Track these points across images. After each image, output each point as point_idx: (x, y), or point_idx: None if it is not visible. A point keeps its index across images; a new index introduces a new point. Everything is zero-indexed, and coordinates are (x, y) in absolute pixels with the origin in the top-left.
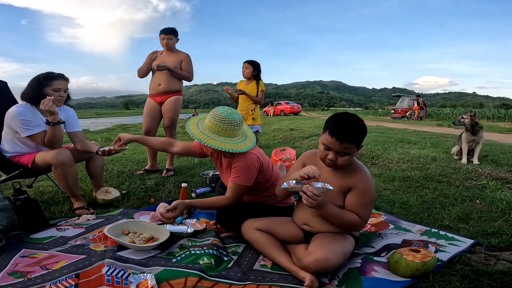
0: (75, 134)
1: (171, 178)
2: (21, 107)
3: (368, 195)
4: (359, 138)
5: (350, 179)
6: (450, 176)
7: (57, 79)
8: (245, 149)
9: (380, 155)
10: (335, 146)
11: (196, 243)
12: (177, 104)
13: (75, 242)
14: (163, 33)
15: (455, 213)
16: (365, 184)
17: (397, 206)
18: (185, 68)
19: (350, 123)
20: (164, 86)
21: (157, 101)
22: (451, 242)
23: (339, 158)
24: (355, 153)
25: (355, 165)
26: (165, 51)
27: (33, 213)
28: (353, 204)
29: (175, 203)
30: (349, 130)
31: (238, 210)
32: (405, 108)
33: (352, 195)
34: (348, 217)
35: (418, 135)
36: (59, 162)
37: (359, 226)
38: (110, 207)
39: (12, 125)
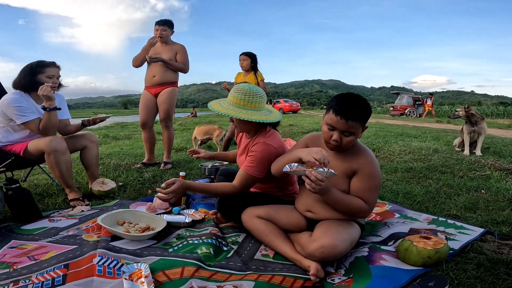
0: (63, 121)
1: (169, 170)
2: (15, 94)
3: (374, 179)
4: (364, 117)
5: (355, 162)
6: (453, 167)
7: (50, 67)
8: (274, 119)
9: (381, 147)
10: (340, 125)
11: (194, 233)
12: (172, 95)
13: (67, 233)
14: (157, 24)
15: (462, 203)
16: (371, 167)
17: (401, 196)
18: (180, 59)
19: (355, 102)
20: (159, 77)
21: (152, 93)
22: (461, 231)
23: (344, 138)
24: (360, 134)
25: (359, 147)
26: (159, 43)
27: (25, 204)
28: (359, 189)
29: (173, 179)
30: (354, 108)
31: (242, 199)
32: (404, 105)
33: (357, 179)
34: (355, 203)
35: (418, 130)
36: (52, 149)
37: (366, 213)
38: (106, 199)
39: (6, 112)
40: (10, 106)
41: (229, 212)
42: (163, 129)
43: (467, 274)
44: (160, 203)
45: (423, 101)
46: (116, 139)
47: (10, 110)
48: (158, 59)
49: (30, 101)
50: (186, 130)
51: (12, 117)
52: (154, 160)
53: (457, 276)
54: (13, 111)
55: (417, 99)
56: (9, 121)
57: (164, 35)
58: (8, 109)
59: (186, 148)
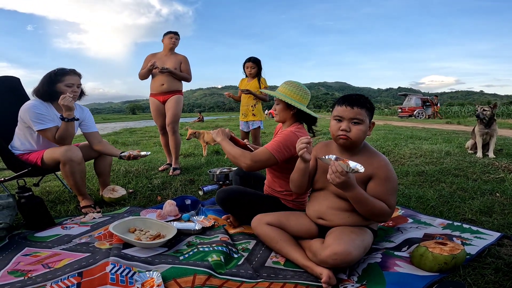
0: (93, 134)
1: (178, 176)
2: (35, 101)
3: (391, 182)
4: (369, 105)
5: (369, 167)
6: (466, 170)
7: (69, 75)
8: (313, 114)
9: (391, 151)
10: (347, 113)
11: (204, 240)
12: (179, 102)
13: (79, 240)
14: (172, 33)
15: (477, 207)
16: (387, 170)
17: (414, 200)
18: (184, 69)
19: (357, 95)
20: (167, 86)
21: (160, 100)
22: (477, 236)
23: (353, 127)
24: (367, 128)
25: (372, 152)
26: (164, 52)
27: (38, 211)
28: (378, 192)
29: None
30: (358, 97)
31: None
32: (413, 106)
33: (374, 183)
34: (378, 205)
35: (428, 132)
36: (68, 159)
37: (388, 215)
38: (117, 206)
39: (24, 119)
40: (29, 112)
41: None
42: (170, 135)
43: (485, 279)
44: (170, 210)
45: (431, 102)
46: (125, 145)
47: (28, 116)
48: (167, 70)
49: (50, 110)
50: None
51: (29, 123)
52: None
53: (475, 282)
54: (31, 118)
55: (426, 100)
56: (27, 128)
57: (176, 44)
58: (27, 115)
59: (194, 154)
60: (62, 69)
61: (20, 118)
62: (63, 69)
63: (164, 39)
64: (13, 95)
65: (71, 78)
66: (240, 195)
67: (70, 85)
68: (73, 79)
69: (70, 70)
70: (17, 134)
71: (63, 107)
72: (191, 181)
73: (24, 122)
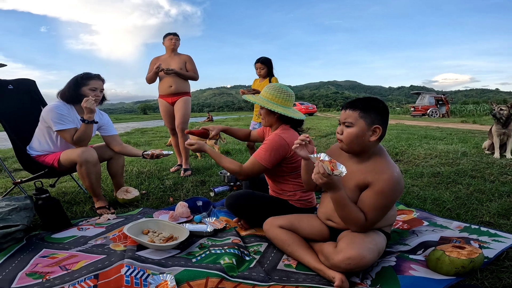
0: (113, 137)
1: (189, 177)
2: (59, 102)
3: (384, 198)
4: (365, 106)
5: (370, 175)
6: (483, 171)
7: (94, 79)
8: (296, 116)
9: (405, 151)
10: (341, 116)
11: (216, 242)
12: (187, 103)
13: (95, 242)
14: (171, 35)
15: (495, 209)
16: (384, 185)
17: (429, 202)
18: (190, 68)
19: (362, 98)
20: (175, 87)
21: (169, 101)
22: (495, 239)
23: (345, 130)
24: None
25: (383, 162)
26: (168, 54)
27: (55, 213)
28: (365, 203)
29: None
30: (355, 100)
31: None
32: (426, 105)
33: (367, 193)
34: (354, 214)
35: (443, 132)
36: (84, 160)
37: (361, 228)
38: (130, 207)
39: (46, 119)
40: (52, 112)
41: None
42: (180, 136)
43: (503, 283)
44: (182, 212)
45: (445, 100)
46: (137, 145)
47: (50, 116)
48: (173, 71)
49: (72, 112)
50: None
51: (49, 123)
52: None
53: (492, 285)
54: (52, 118)
55: (440, 98)
56: (47, 128)
57: (177, 44)
58: (49, 115)
59: (203, 154)
60: (88, 73)
61: (42, 118)
62: (89, 73)
63: (164, 42)
64: (30, 97)
65: (95, 82)
66: (249, 200)
67: (93, 89)
68: (97, 84)
69: (95, 74)
70: (37, 134)
71: (85, 109)
72: (202, 182)
73: (45, 121)
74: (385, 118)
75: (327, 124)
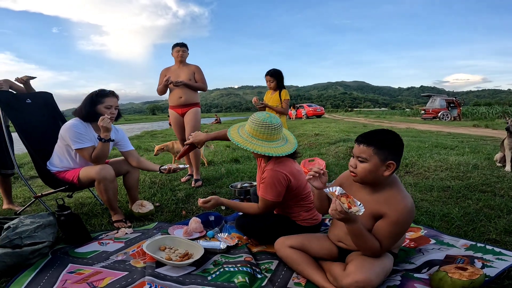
0: (130, 153)
1: (200, 189)
2: (76, 121)
3: (398, 227)
4: (379, 143)
5: (385, 206)
6: (494, 185)
7: (109, 96)
8: (282, 153)
9: (415, 163)
10: (355, 150)
11: (229, 259)
12: (197, 115)
13: (116, 258)
14: (178, 46)
15: (502, 226)
16: (399, 216)
17: (438, 218)
18: (198, 79)
19: (378, 130)
20: (185, 98)
21: (179, 113)
22: (499, 257)
23: (358, 165)
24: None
25: (397, 193)
26: (177, 65)
27: (76, 228)
28: (380, 232)
29: (211, 197)
30: (370, 134)
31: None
32: (437, 108)
33: (382, 223)
34: (371, 243)
35: (454, 139)
36: (102, 177)
37: (376, 254)
38: (145, 220)
39: (64, 137)
40: (70, 131)
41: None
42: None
43: None
44: (195, 227)
45: (457, 103)
46: (147, 151)
47: (68, 135)
48: (182, 83)
49: (89, 130)
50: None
51: (68, 141)
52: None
53: None
54: (71, 137)
55: (451, 101)
56: (66, 146)
57: (185, 56)
58: (67, 134)
59: (213, 162)
60: (102, 90)
61: (61, 136)
62: (103, 91)
63: (172, 53)
64: (47, 110)
65: (110, 100)
66: (258, 221)
67: (108, 106)
68: (112, 101)
69: (109, 91)
70: (56, 151)
71: (102, 128)
72: (213, 194)
73: (64, 140)
74: (399, 152)
75: (336, 129)
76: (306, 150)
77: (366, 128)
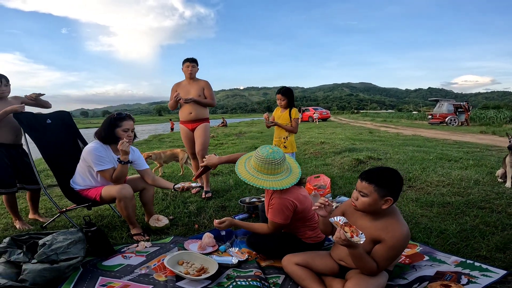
0: (145, 171)
1: (210, 202)
2: (97, 144)
3: (394, 251)
4: (379, 181)
5: (383, 233)
6: (492, 201)
7: (126, 120)
8: (286, 186)
9: (418, 177)
10: (358, 185)
11: (241, 273)
12: (206, 130)
13: (140, 271)
14: (188, 61)
15: (494, 243)
16: (396, 242)
17: (434, 235)
18: (207, 95)
19: (380, 169)
20: (195, 114)
21: (189, 128)
22: (484, 273)
23: (359, 198)
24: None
25: (395, 221)
26: (187, 81)
27: (102, 243)
28: (378, 254)
29: (225, 218)
30: (372, 172)
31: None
32: (444, 113)
33: (380, 246)
34: (369, 265)
35: (460, 149)
36: (123, 196)
37: (372, 273)
38: (162, 234)
39: (87, 159)
40: (91, 154)
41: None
42: (200, 161)
43: None
44: (208, 242)
45: (465, 108)
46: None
47: (90, 158)
48: (191, 100)
49: (108, 152)
50: (220, 146)
51: (90, 164)
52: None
53: None
54: (93, 159)
55: (459, 106)
56: (88, 167)
57: (194, 71)
58: (89, 156)
59: (222, 172)
60: (119, 114)
61: (83, 158)
62: (120, 114)
63: (183, 68)
64: (66, 128)
65: (127, 123)
66: (268, 240)
67: (126, 130)
68: (128, 124)
69: (126, 115)
70: (79, 171)
71: (121, 151)
72: (223, 208)
73: (86, 161)
74: (398, 189)
75: (342, 136)
76: (312, 160)
77: (372, 135)
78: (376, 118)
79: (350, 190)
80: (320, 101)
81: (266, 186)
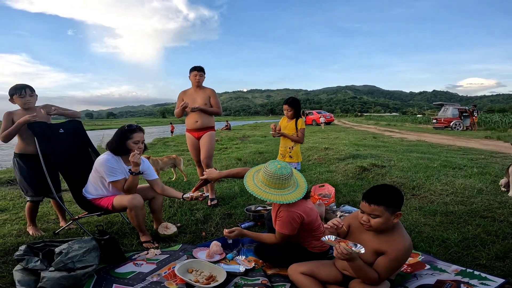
0: (155, 181)
1: (216, 210)
2: (109, 155)
3: (396, 263)
4: (387, 201)
5: (386, 245)
6: (495, 211)
7: (136, 132)
8: (292, 200)
9: (422, 185)
10: (366, 208)
11: (248, 281)
12: (212, 138)
13: (151, 279)
14: (195, 70)
15: (494, 252)
16: (397, 254)
17: (436, 244)
18: (213, 103)
19: (381, 189)
20: (200, 122)
21: (195, 136)
22: (483, 282)
23: (371, 220)
24: (390, 218)
25: (397, 234)
26: (193, 89)
27: (114, 250)
28: (380, 265)
29: (235, 228)
30: (378, 194)
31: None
32: (449, 117)
33: (383, 258)
34: (370, 275)
35: (464, 155)
36: (133, 206)
37: (373, 283)
38: (170, 242)
39: (99, 170)
40: (103, 166)
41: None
42: (205, 168)
43: None
44: (216, 250)
45: (470, 112)
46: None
47: (102, 169)
48: (198, 109)
49: (120, 163)
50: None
51: (103, 174)
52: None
53: None
54: (105, 170)
55: (464, 110)
56: (100, 177)
57: (201, 80)
58: (102, 168)
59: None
60: (130, 126)
61: (95, 169)
62: (131, 126)
63: (190, 77)
64: (77, 138)
65: (138, 135)
66: (276, 250)
67: (136, 142)
68: (139, 136)
69: (136, 126)
70: (91, 181)
71: (132, 163)
72: (228, 215)
73: (98, 172)
74: (402, 202)
75: (345, 141)
76: (316, 166)
77: (375, 140)
78: (380, 121)
79: (354, 199)
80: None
81: (273, 200)
